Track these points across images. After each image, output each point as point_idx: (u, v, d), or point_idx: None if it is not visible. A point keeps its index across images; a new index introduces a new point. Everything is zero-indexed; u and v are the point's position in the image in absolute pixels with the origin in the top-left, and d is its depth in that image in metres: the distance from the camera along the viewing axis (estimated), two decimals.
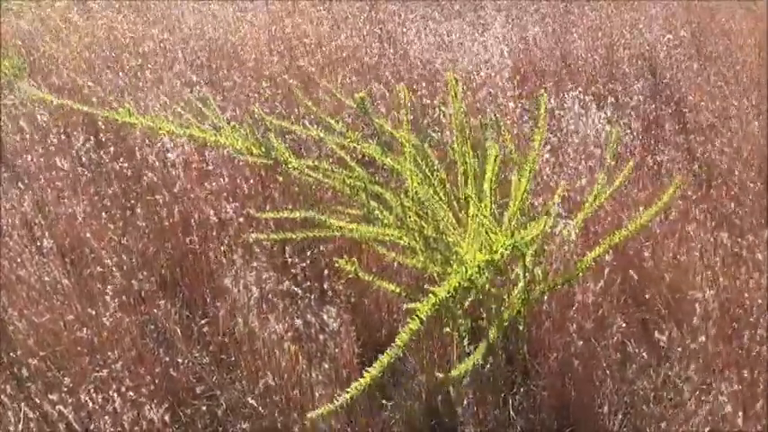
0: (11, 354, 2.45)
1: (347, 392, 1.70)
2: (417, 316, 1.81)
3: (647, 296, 2.65)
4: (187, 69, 4.25)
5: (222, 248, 2.82)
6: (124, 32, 4.71)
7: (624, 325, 2.44)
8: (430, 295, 1.89)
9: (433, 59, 4.34)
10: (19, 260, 2.70)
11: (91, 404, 2.21)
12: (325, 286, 2.67)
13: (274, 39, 4.61)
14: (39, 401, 2.24)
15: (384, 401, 2.56)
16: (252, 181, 3.10)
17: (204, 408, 2.52)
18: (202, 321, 2.73)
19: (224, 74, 4.23)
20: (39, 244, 2.81)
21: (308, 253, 2.84)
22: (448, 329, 2.39)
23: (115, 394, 2.21)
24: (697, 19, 4.94)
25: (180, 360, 2.53)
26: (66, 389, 2.27)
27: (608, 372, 2.40)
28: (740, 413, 2.15)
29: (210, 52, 4.53)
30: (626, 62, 4.36)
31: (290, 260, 2.74)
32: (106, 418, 2.20)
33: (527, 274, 2.22)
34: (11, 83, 4.45)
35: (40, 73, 4.43)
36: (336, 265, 2.22)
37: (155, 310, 2.67)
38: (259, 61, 4.29)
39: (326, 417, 2.29)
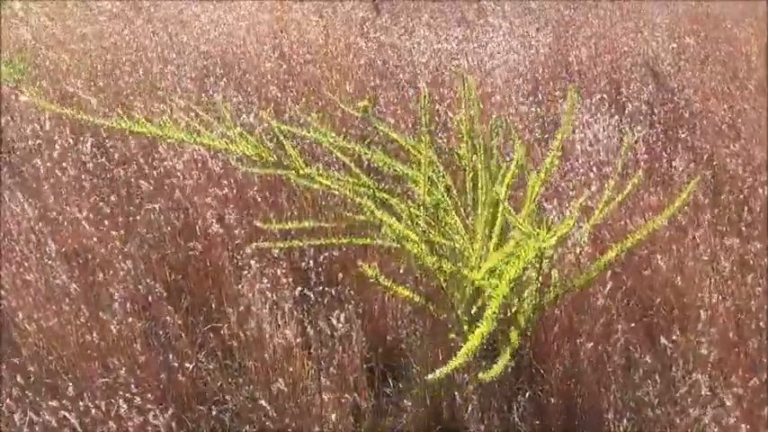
0: (17, 357, 2.45)
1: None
2: (495, 295, 1.98)
3: (653, 301, 2.64)
4: (193, 74, 4.26)
5: (227, 254, 2.82)
6: (129, 42, 4.72)
7: (631, 328, 2.44)
8: (503, 275, 2.04)
9: (439, 66, 4.34)
10: (26, 264, 2.70)
11: (94, 411, 2.21)
12: (333, 292, 2.68)
13: (278, 46, 4.61)
14: (44, 405, 2.24)
15: (390, 407, 2.56)
16: (257, 188, 3.09)
17: (212, 413, 2.52)
18: (206, 328, 2.73)
19: (229, 81, 4.24)
20: (45, 249, 2.81)
21: (321, 259, 2.85)
22: (453, 335, 2.39)
23: (121, 400, 2.21)
24: (702, 27, 4.95)
25: (186, 365, 2.52)
26: (71, 394, 2.26)
27: (613, 377, 2.40)
28: (745, 420, 2.14)
29: (219, 58, 4.53)
30: (631, 69, 4.37)
31: (303, 266, 2.75)
32: (111, 423, 2.19)
33: (540, 278, 2.22)
34: (15, 90, 4.45)
35: (44, 79, 4.42)
36: (359, 269, 2.21)
37: (160, 316, 2.67)
38: (265, 69, 4.30)
39: (334, 421, 2.31)
